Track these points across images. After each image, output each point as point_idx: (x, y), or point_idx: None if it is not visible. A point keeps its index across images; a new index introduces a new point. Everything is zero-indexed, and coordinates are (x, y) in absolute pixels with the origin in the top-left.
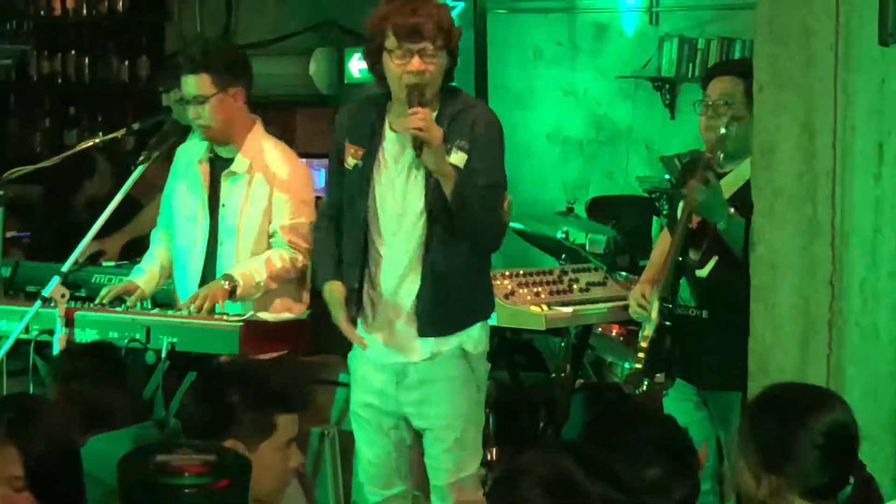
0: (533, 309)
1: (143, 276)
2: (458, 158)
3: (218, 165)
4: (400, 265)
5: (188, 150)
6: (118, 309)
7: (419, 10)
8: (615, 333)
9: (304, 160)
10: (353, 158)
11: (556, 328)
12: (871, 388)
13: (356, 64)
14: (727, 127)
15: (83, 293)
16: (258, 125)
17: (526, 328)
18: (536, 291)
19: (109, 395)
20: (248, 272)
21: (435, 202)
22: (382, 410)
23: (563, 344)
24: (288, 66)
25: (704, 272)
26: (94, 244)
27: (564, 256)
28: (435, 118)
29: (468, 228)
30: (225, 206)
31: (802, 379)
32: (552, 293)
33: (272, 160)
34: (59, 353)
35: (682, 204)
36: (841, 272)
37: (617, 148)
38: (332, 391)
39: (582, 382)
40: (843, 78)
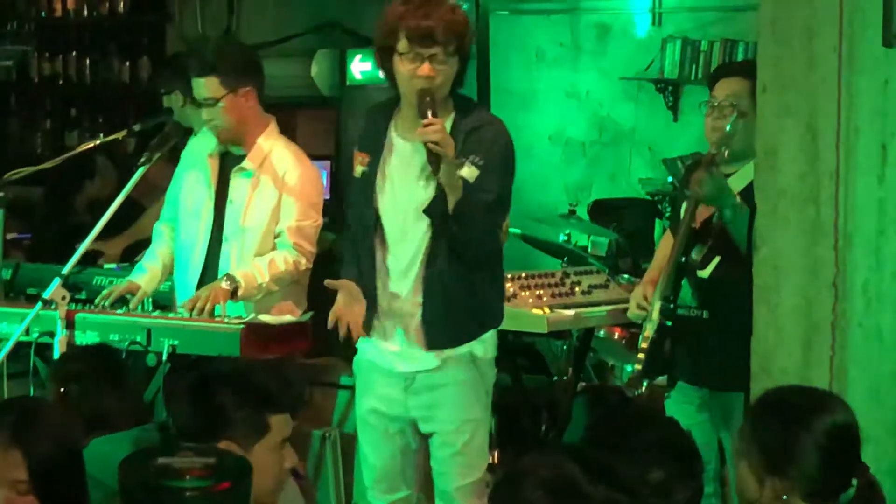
0: (535, 311)
1: (144, 275)
2: (468, 172)
3: (228, 161)
4: (406, 275)
5: (199, 142)
6: (119, 311)
7: (433, 13)
8: (617, 336)
9: None
10: (360, 166)
11: (558, 331)
12: (873, 389)
13: (358, 65)
14: (733, 124)
15: (84, 295)
16: (273, 125)
17: (528, 331)
18: (538, 294)
19: (110, 397)
20: (250, 273)
21: (437, 211)
22: (389, 416)
23: (564, 347)
24: (289, 67)
25: (706, 273)
26: (94, 245)
27: (566, 259)
28: (449, 129)
29: (461, 240)
30: (232, 202)
31: (805, 380)
32: (554, 296)
33: (284, 161)
34: (59, 355)
35: (685, 205)
36: (844, 273)
37: (620, 150)
38: (333, 394)
39: (584, 385)
40: (846, 79)
